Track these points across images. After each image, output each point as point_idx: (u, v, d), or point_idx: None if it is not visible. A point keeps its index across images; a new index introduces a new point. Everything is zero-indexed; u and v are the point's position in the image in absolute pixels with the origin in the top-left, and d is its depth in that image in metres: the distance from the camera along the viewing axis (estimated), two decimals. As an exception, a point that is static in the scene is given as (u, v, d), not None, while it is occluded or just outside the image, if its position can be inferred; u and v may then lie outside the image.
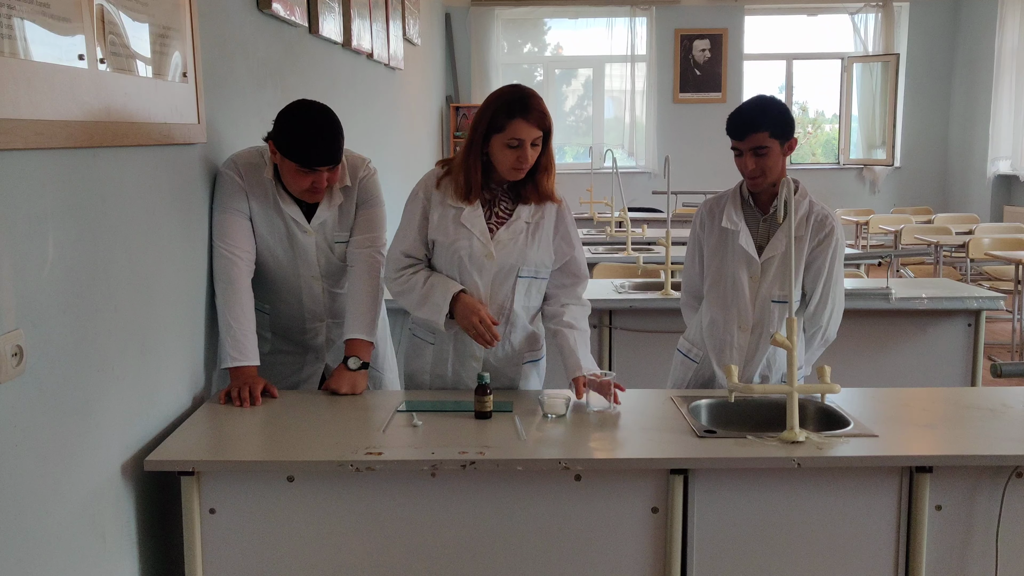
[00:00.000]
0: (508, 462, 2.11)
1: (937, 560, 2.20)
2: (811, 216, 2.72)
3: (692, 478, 2.17)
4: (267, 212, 2.66)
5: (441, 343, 2.72)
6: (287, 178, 2.59)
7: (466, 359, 2.70)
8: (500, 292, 2.64)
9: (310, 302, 2.81)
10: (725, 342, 2.84)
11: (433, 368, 2.74)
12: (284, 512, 2.16)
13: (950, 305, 3.99)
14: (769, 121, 2.63)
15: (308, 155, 2.51)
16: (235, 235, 2.62)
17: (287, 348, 2.89)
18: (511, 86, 2.56)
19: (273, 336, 2.87)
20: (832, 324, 2.82)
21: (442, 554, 2.19)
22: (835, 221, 2.74)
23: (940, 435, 2.33)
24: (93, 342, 1.92)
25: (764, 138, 2.63)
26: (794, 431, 2.22)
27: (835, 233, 2.73)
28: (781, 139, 2.65)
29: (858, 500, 2.19)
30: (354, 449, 2.16)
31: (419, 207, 2.63)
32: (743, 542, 2.20)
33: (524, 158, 2.49)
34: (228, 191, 2.62)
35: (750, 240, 2.76)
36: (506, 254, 2.61)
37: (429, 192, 2.63)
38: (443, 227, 2.60)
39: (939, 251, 7.17)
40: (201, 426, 2.36)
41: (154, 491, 2.22)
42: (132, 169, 2.11)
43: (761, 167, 2.66)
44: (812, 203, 2.74)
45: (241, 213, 2.63)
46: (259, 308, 2.75)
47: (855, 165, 11.16)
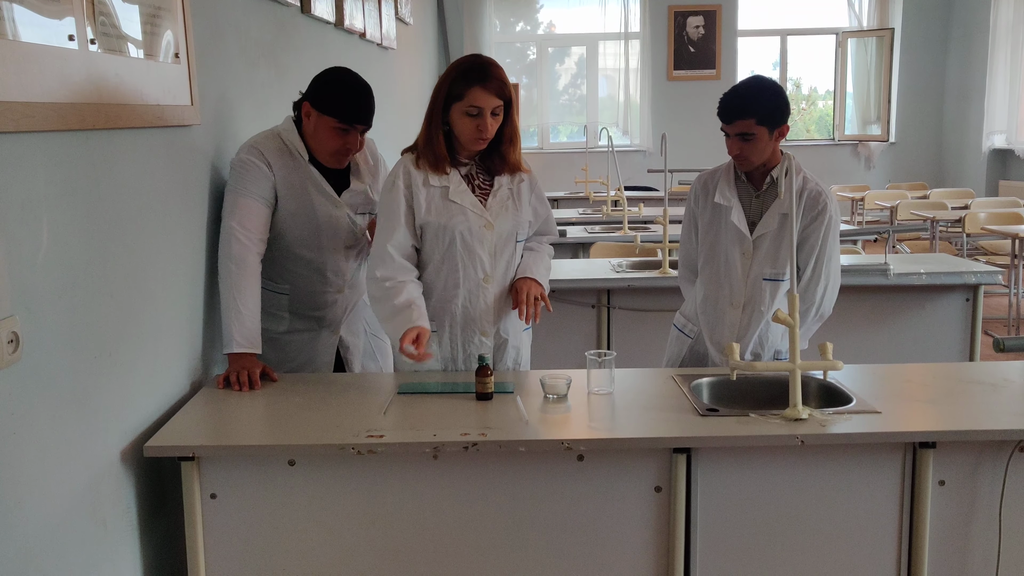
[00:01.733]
0: (510, 443, 2.11)
1: (940, 535, 2.20)
2: (804, 193, 2.70)
3: (695, 457, 2.16)
4: (296, 191, 2.68)
5: (444, 327, 2.70)
6: (320, 138, 2.63)
7: (475, 336, 2.70)
8: (502, 260, 2.66)
9: (333, 275, 2.84)
10: (717, 319, 2.85)
11: (442, 352, 2.72)
12: (285, 496, 2.15)
13: (948, 280, 3.99)
14: (758, 108, 2.59)
15: (348, 109, 2.58)
16: (254, 221, 2.61)
17: (303, 326, 2.89)
18: (470, 55, 2.58)
19: (291, 315, 2.87)
20: (827, 300, 2.80)
21: (445, 536, 2.18)
22: (828, 198, 2.72)
23: (942, 410, 2.32)
24: (90, 328, 1.90)
25: (751, 125, 2.60)
26: (797, 408, 2.21)
27: (828, 210, 2.70)
28: (770, 125, 2.62)
29: (861, 476, 2.19)
30: (355, 432, 2.15)
31: (399, 197, 2.57)
32: (747, 520, 2.20)
33: (484, 127, 2.50)
34: (252, 177, 2.61)
35: (742, 217, 2.75)
36: (502, 221, 2.63)
37: (408, 178, 2.58)
38: (434, 208, 2.58)
39: (935, 226, 7.17)
40: (200, 411, 2.34)
41: (154, 477, 2.21)
42: (126, 152, 2.08)
43: (745, 152, 2.65)
44: (806, 179, 2.72)
45: (264, 200, 2.63)
46: (277, 291, 2.77)
47: (850, 141, 11.14)
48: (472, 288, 2.64)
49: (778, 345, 2.86)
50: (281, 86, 3.32)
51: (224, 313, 2.56)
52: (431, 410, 2.35)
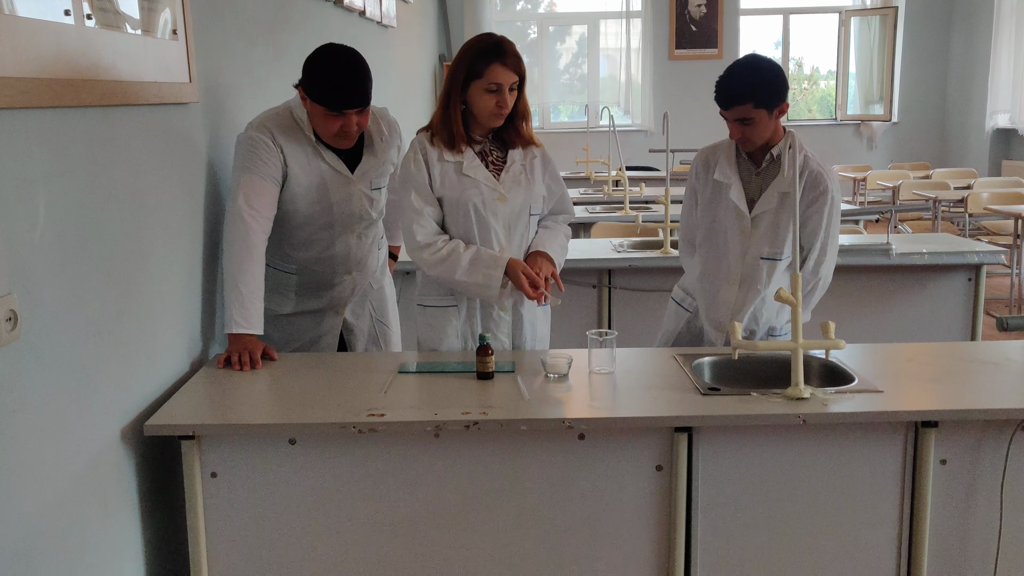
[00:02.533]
0: (511, 422, 2.10)
1: (942, 514, 2.20)
2: (805, 173, 2.68)
3: (696, 436, 2.16)
4: (305, 169, 2.65)
5: (465, 302, 2.72)
6: (317, 123, 2.59)
7: (493, 310, 2.71)
8: (516, 234, 2.68)
9: (341, 257, 2.82)
10: (713, 295, 2.85)
11: (463, 330, 2.73)
12: (286, 475, 2.15)
13: (950, 260, 3.98)
14: (755, 92, 2.56)
15: (334, 97, 2.51)
16: (262, 199, 2.58)
17: (309, 307, 2.88)
18: (483, 34, 2.61)
19: (297, 296, 2.86)
20: (826, 271, 2.78)
21: (446, 515, 2.18)
22: (830, 178, 2.69)
23: (945, 390, 2.32)
24: (88, 306, 1.89)
25: (749, 109, 2.57)
26: (799, 387, 2.21)
27: (829, 192, 2.68)
28: (769, 106, 2.59)
29: (863, 456, 2.18)
30: (356, 411, 2.14)
31: (423, 170, 2.62)
32: (748, 499, 2.20)
33: (504, 102, 2.54)
34: (260, 155, 2.58)
35: (741, 195, 2.73)
36: (515, 194, 2.66)
37: (425, 155, 2.63)
38: (448, 183, 2.62)
39: (937, 206, 7.14)
40: (200, 390, 2.34)
41: (155, 456, 2.20)
42: (123, 129, 2.07)
43: (747, 135, 2.63)
44: (808, 158, 2.69)
45: (271, 179, 2.60)
46: (285, 270, 2.74)
47: (852, 121, 11.09)
48: None
49: (772, 321, 2.86)
50: (280, 64, 3.30)
51: (226, 292, 2.54)
52: (432, 389, 2.35)
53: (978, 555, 2.23)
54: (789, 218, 2.67)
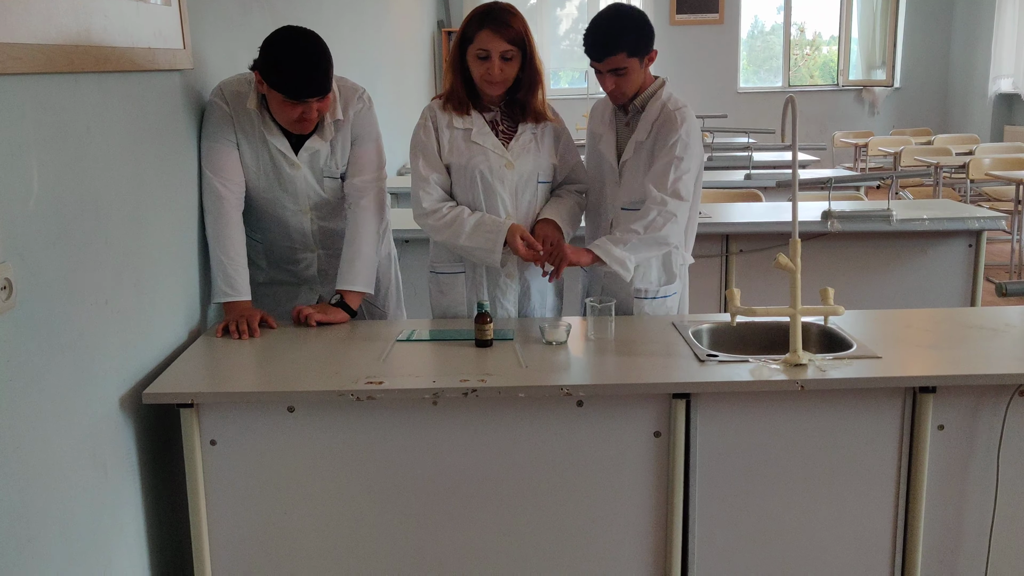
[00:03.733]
0: (510, 389, 2.11)
1: (938, 479, 2.21)
2: (660, 117, 2.63)
3: (694, 402, 2.16)
4: (253, 143, 2.61)
5: (472, 269, 2.72)
6: (275, 109, 2.52)
7: (500, 278, 2.71)
8: (523, 201, 2.68)
9: (299, 234, 2.77)
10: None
11: (469, 295, 2.74)
12: (285, 443, 2.16)
13: (951, 226, 3.96)
14: (626, 41, 2.54)
15: (295, 86, 2.43)
16: (225, 166, 2.57)
17: (282, 278, 2.86)
18: (491, 1, 2.58)
19: (268, 265, 2.84)
20: (662, 223, 2.56)
21: (444, 483, 2.19)
22: (685, 119, 2.59)
23: (943, 355, 2.32)
24: (85, 275, 1.89)
25: (622, 59, 2.55)
26: (797, 353, 2.21)
27: (678, 129, 2.57)
28: (640, 55, 2.58)
29: (861, 422, 2.19)
30: (354, 379, 2.15)
31: (432, 136, 2.64)
32: (746, 465, 2.20)
33: (492, 70, 2.52)
34: (216, 120, 2.56)
35: (612, 146, 2.73)
36: (523, 161, 2.65)
37: (435, 120, 2.65)
38: (456, 149, 2.63)
39: (939, 172, 7.11)
40: (198, 358, 2.34)
41: (154, 423, 2.21)
42: (116, 96, 2.05)
43: (620, 87, 2.61)
44: (665, 105, 2.63)
45: (230, 143, 2.58)
46: (251, 237, 2.72)
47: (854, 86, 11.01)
48: None
49: (640, 282, 2.73)
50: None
51: (211, 263, 2.55)
52: (430, 357, 2.35)
53: (975, 519, 2.24)
54: (643, 168, 2.64)
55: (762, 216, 4.23)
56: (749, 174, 5.65)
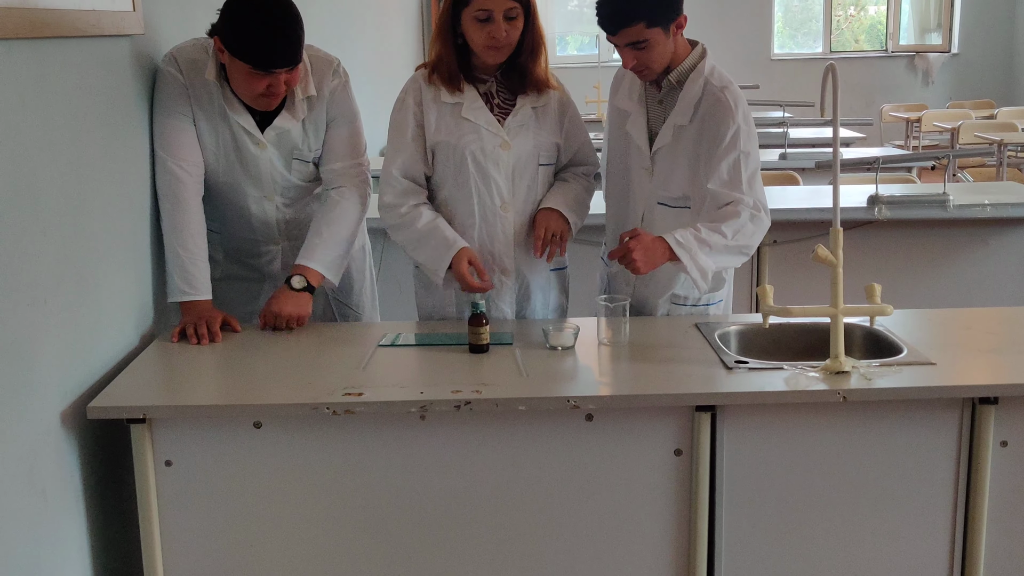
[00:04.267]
0: (509, 401, 2.10)
1: (1001, 502, 2.21)
2: (702, 99, 2.55)
3: (721, 415, 2.16)
4: (211, 119, 2.60)
5: None
6: (237, 82, 2.51)
7: (494, 275, 2.70)
8: (522, 186, 2.67)
9: (261, 224, 2.77)
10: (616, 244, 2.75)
11: (458, 296, 2.73)
12: (251, 463, 2.16)
13: (1016, 213, 3.96)
14: (642, 8, 2.43)
15: (261, 54, 2.42)
16: (181, 145, 2.56)
17: (241, 273, 2.85)
18: None
19: (225, 259, 2.83)
20: (744, 233, 2.48)
21: (433, 508, 2.19)
22: (738, 98, 2.53)
23: (1006, 362, 2.31)
24: (19, 271, 1.89)
25: (640, 30, 2.44)
26: (839, 360, 2.20)
27: (735, 115, 2.50)
28: (664, 23, 2.46)
29: (912, 437, 2.19)
30: (330, 390, 2.14)
31: (409, 116, 2.63)
32: (780, 487, 2.20)
33: (496, 32, 2.49)
34: (169, 92, 2.56)
35: (642, 127, 2.65)
36: (521, 141, 2.63)
37: (418, 95, 2.63)
38: (444, 127, 2.61)
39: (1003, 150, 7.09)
40: (151, 367, 2.34)
41: (100, 442, 2.21)
42: (55, 66, 2.04)
43: (643, 61, 2.51)
44: (708, 82, 2.55)
45: (186, 118, 2.57)
46: (208, 227, 2.70)
47: (905, 52, 11.00)
48: (489, 217, 2.66)
49: (677, 289, 2.70)
50: (239, -11, 3.25)
51: (167, 257, 2.55)
52: (418, 365, 2.35)
53: (1043, 549, 2.24)
54: (684, 157, 2.56)
55: (799, 202, 4.23)
56: (784, 153, 5.64)
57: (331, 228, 2.66)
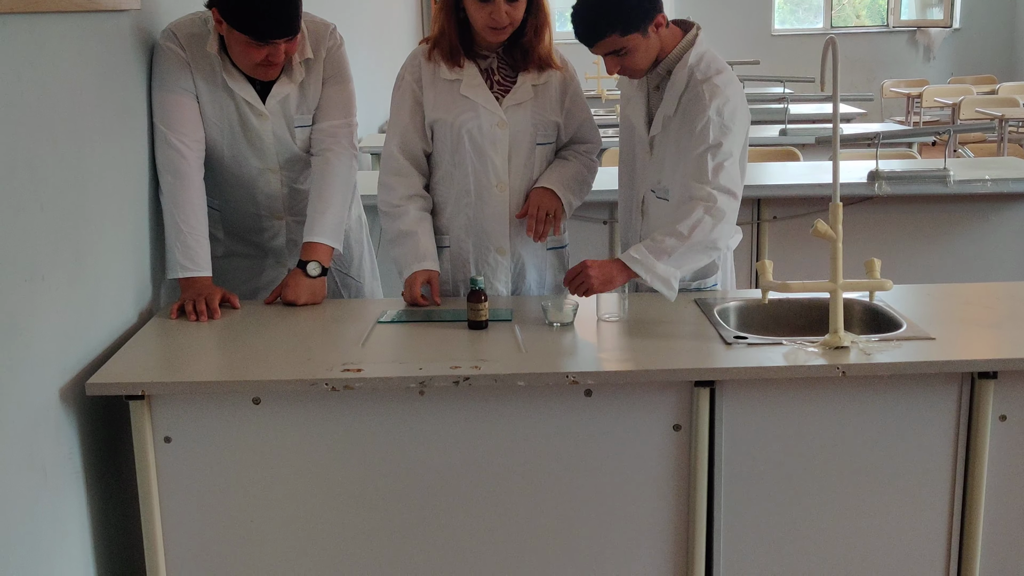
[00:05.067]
0: (508, 377, 2.10)
1: (1000, 477, 2.22)
2: (687, 89, 2.49)
3: (720, 391, 2.16)
4: (214, 92, 2.60)
5: (458, 242, 2.72)
6: (236, 52, 2.51)
7: (489, 254, 2.71)
8: (519, 165, 2.66)
9: (265, 198, 2.77)
10: (628, 226, 2.78)
11: (454, 273, 2.74)
12: (250, 439, 2.16)
13: (1017, 188, 3.96)
14: (615, 18, 2.39)
15: (260, 25, 2.42)
16: (182, 119, 2.56)
17: (243, 250, 2.86)
18: None
19: (226, 236, 2.83)
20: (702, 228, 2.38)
21: (432, 484, 2.20)
22: (716, 90, 2.43)
23: (1006, 336, 2.32)
24: (17, 247, 1.88)
25: (616, 40, 2.41)
26: (838, 335, 2.20)
27: (707, 108, 2.41)
28: (641, 27, 2.41)
29: (911, 412, 2.19)
30: (329, 366, 2.15)
31: (408, 93, 2.64)
32: (779, 462, 2.21)
33: (497, 14, 2.47)
34: (170, 67, 2.55)
35: (641, 113, 2.64)
36: (518, 120, 2.63)
37: (417, 72, 2.63)
38: (442, 104, 2.61)
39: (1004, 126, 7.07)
40: (150, 343, 2.34)
41: (100, 418, 2.21)
42: (52, 41, 2.03)
43: (628, 66, 2.49)
44: (693, 73, 2.48)
45: (187, 92, 2.57)
46: (208, 204, 2.70)
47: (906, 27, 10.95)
48: (484, 195, 2.66)
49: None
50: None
51: (167, 232, 2.55)
52: (417, 341, 2.35)
53: (1041, 523, 2.25)
54: (672, 148, 2.53)
55: (799, 177, 4.23)
56: (785, 129, 5.62)
57: (327, 193, 2.66)
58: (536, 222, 2.64)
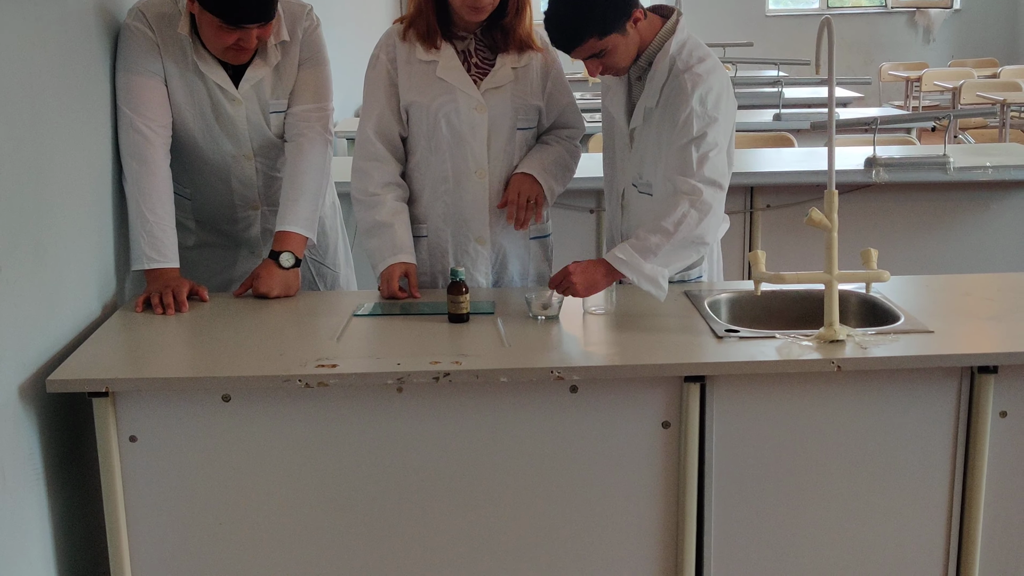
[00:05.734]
0: (490, 373, 2.10)
1: (1001, 475, 2.22)
2: (667, 83, 2.49)
3: (710, 386, 2.16)
4: (184, 76, 2.58)
5: (435, 232, 2.71)
6: (207, 35, 2.51)
7: (469, 243, 2.70)
8: (498, 150, 2.65)
9: (240, 186, 2.76)
10: (613, 217, 2.78)
11: (432, 264, 2.73)
12: (219, 439, 2.15)
13: (1019, 175, 3.97)
14: (591, 21, 2.37)
15: (234, 8, 2.41)
16: (148, 103, 2.55)
17: (216, 241, 2.85)
18: None
19: (198, 226, 2.82)
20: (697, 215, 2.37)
21: (411, 484, 2.19)
22: (698, 79, 2.41)
23: (1007, 329, 2.33)
24: (-28, 238, 1.87)
25: (594, 44, 2.40)
26: (833, 328, 2.21)
27: (689, 99, 2.40)
28: (617, 28, 2.40)
29: (909, 408, 2.19)
30: (303, 361, 2.14)
31: (382, 73, 2.63)
32: (772, 460, 2.21)
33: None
34: (137, 48, 2.54)
35: (621, 104, 2.62)
36: (497, 104, 2.62)
37: (392, 52, 2.62)
38: (416, 86, 2.60)
39: (1006, 111, 7.10)
40: (114, 338, 2.33)
41: (61, 416, 2.20)
42: (8, 17, 2.01)
43: (609, 65, 2.48)
44: (674, 63, 2.46)
45: (154, 75, 2.55)
46: (179, 193, 2.69)
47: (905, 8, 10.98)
48: (463, 182, 2.65)
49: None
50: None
51: (131, 221, 2.54)
52: (395, 335, 2.35)
53: (1042, 523, 2.26)
54: (653, 141, 2.52)
55: (793, 164, 4.23)
56: (779, 114, 5.64)
57: (300, 180, 2.65)
58: (517, 209, 2.63)
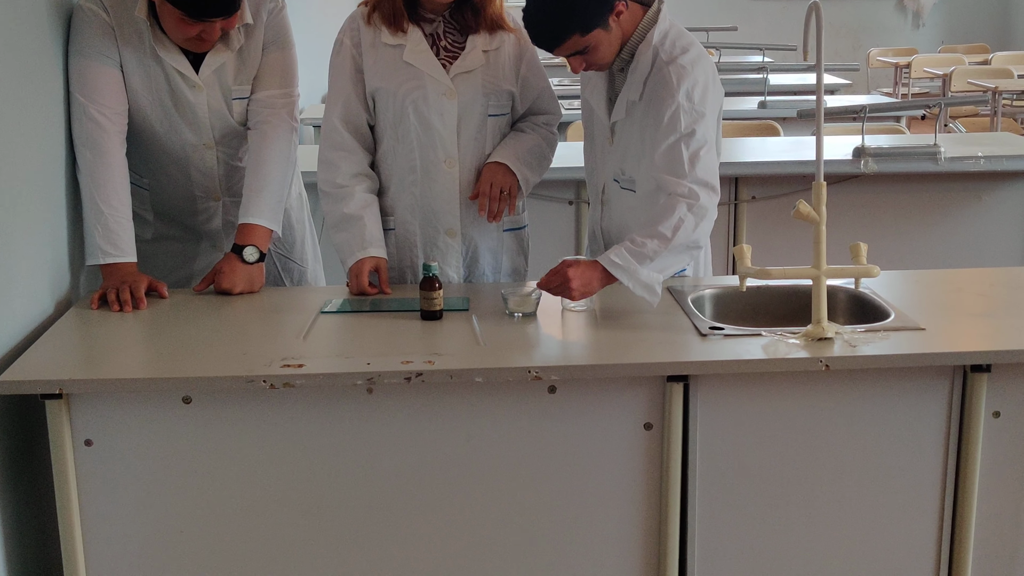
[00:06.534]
0: (464, 372, 2.10)
1: (994, 477, 2.24)
2: (651, 75, 2.49)
3: (694, 386, 2.17)
4: (141, 61, 2.57)
5: (403, 224, 2.71)
6: (168, 25, 2.50)
7: (439, 236, 2.70)
8: (468, 138, 2.64)
9: (200, 176, 2.75)
10: (595, 212, 2.79)
11: (400, 260, 2.72)
12: (180, 442, 2.14)
13: (1012, 166, 4.00)
14: (573, 19, 2.37)
15: (196, 3, 2.40)
16: (103, 89, 2.54)
17: (175, 233, 2.84)
18: None
19: (156, 218, 2.81)
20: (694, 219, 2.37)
21: (382, 490, 2.19)
22: (683, 71, 2.42)
23: (1000, 326, 2.34)
24: (-84, 231, 1.85)
25: (577, 41, 2.40)
26: (821, 325, 2.22)
27: (675, 94, 2.40)
28: (600, 23, 2.40)
29: (900, 408, 2.21)
30: (267, 361, 2.13)
31: (347, 59, 2.62)
32: (757, 462, 2.22)
33: None
34: (91, 31, 2.52)
35: (602, 97, 2.63)
36: (467, 89, 2.61)
37: (356, 36, 2.62)
38: (382, 72, 2.59)
39: (997, 99, 7.15)
40: (68, 337, 2.32)
41: (12, 419, 2.19)
42: (-46, 1, 2.00)
43: (592, 62, 2.48)
44: (657, 55, 2.47)
45: (109, 60, 2.54)
46: (136, 183, 2.68)
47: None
48: (432, 172, 2.65)
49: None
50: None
51: (85, 214, 2.52)
52: (364, 333, 2.34)
53: (1036, 526, 2.28)
54: (636, 135, 2.53)
55: (779, 154, 4.25)
56: (764, 101, 5.66)
57: (264, 170, 2.64)
58: (489, 200, 2.62)
